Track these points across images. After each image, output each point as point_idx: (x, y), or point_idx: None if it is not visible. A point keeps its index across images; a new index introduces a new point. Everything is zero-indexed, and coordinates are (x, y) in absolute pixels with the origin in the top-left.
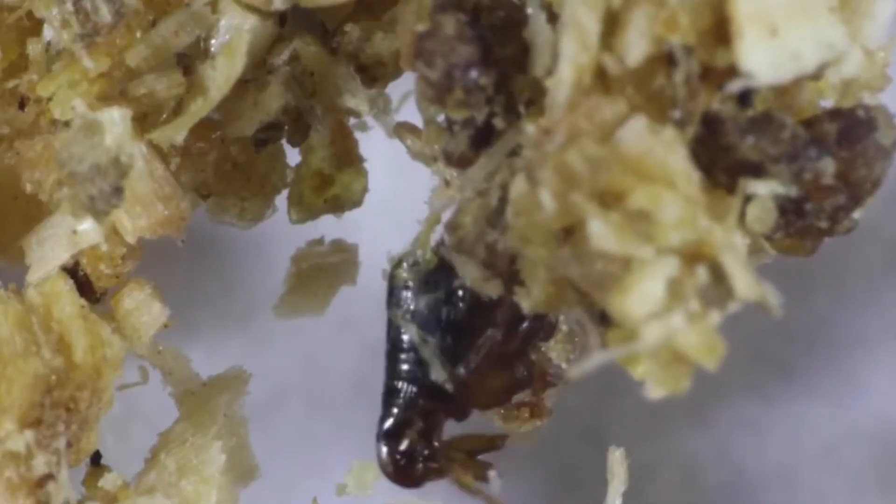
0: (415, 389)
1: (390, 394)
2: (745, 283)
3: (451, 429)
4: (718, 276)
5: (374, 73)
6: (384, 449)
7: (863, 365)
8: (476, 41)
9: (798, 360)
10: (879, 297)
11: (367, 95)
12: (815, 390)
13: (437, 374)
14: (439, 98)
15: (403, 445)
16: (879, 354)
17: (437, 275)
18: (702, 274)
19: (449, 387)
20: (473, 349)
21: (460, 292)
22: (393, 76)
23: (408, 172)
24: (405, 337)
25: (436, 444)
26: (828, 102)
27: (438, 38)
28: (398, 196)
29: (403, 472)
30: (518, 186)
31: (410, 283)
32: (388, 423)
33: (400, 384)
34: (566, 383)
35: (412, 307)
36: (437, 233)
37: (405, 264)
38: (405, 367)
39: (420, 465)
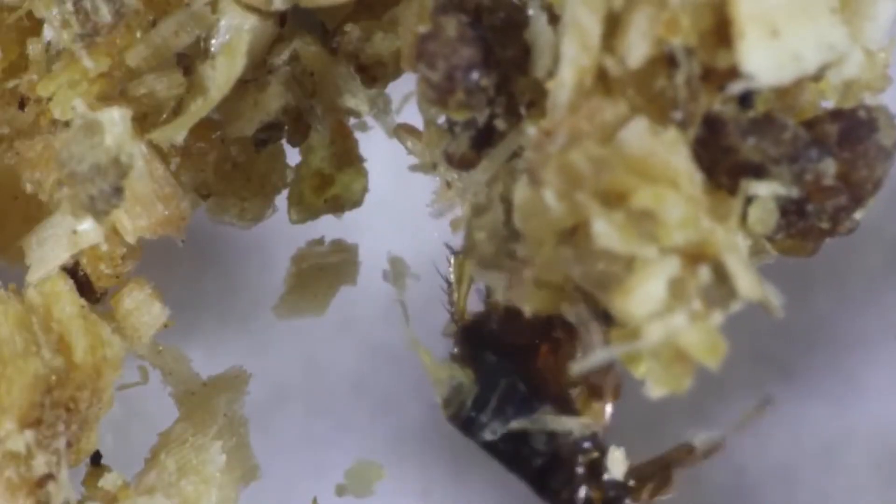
0: (566, 461)
1: (548, 487)
2: (747, 283)
3: None
4: (721, 276)
5: (374, 73)
6: None
7: (863, 365)
8: (477, 43)
9: (798, 360)
10: (879, 297)
11: (367, 95)
12: (815, 390)
13: (573, 427)
14: (441, 99)
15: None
16: (879, 354)
17: (483, 373)
18: (704, 274)
19: (586, 431)
20: (549, 383)
21: (512, 360)
22: (393, 76)
23: (408, 172)
24: (512, 438)
25: (612, 482)
26: (829, 103)
27: (440, 39)
28: (398, 196)
29: None
30: (521, 192)
31: (471, 403)
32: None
33: (550, 473)
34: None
35: (493, 414)
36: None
37: (452, 403)
38: (538, 458)
39: None
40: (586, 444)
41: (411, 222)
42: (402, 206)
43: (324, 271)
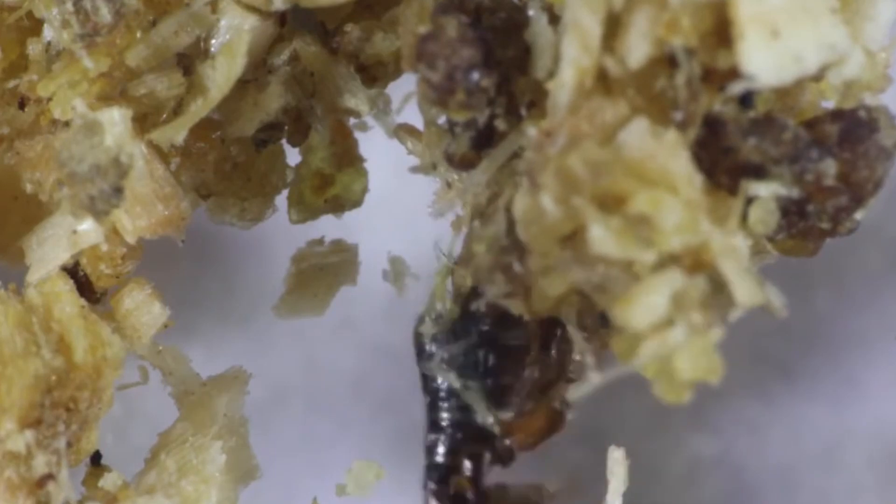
0: (459, 435)
1: (433, 444)
2: (745, 291)
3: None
4: (718, 284)
5: (374, 73)
6: (433, 499)
7: (862, 365)
8: (478, 43)
9: (798, 360)
10: (879, 297)
11: (367, 95)
12: (815, 390)
13: (483, 416)
14: (441, 100)
15: (452, 491)
16: (879, 354)
17: (464, 322)
18: (702, 284)
19: (496, 429)
20: (515, 391)
21: (491, 333)
22: (393, 76)
23: (408, 172)
24: (443, 386)
25: (484, 489)
26: (829, 104)
27: (440, 40)
28: (398, 196)
29: None
30: (521, 202)
31: (439, 335)
32: (435, 471)
33: (443, 433)
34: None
35: (446, 355)
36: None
37: (428, 319)
38: (446, 415)
39: None
40: (489, 439)
41: (411, 222)
42: (402, 206)
43: (324, 271)
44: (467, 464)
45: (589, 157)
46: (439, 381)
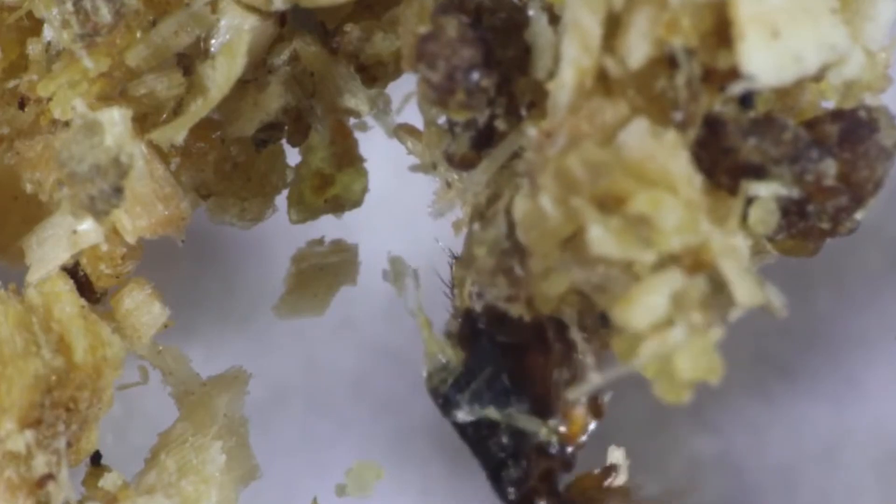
0: (524, 462)
1: (503, 484)
2: (745, 291)
3: None
4: (718, 284)
5: (374, 73)
6: None
7: (863, 365)
8: (478, 43)
9: (798, 360)
10: (879, 297)
11: (367, 95)
12: (815, 390)
13: (538, 432)
14: (441, 100)
15: None
16: (879, 354)
17: (473, 358)
18: (702, 284)
19: (553, 439)
20: (553, 396)
21: (503, 355)
22: (393, 76)
23: (408, 172)
24: (484, 425)
25: (562, 496)
26: (829, 104)
27: (440, 40)
28: (398, 196)
29: None
30: (521, 205)
31: (454, 382)
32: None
33: (507, 469)
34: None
35: (471, 397)
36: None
37: (434, 374)
38: (501, 451)
39: None
40: (552, 451)
41: (411, 222)
42: (402, 206)
43: (324, 271)
44: (542, 485)
45: (588, 157)
46: (476, 422)
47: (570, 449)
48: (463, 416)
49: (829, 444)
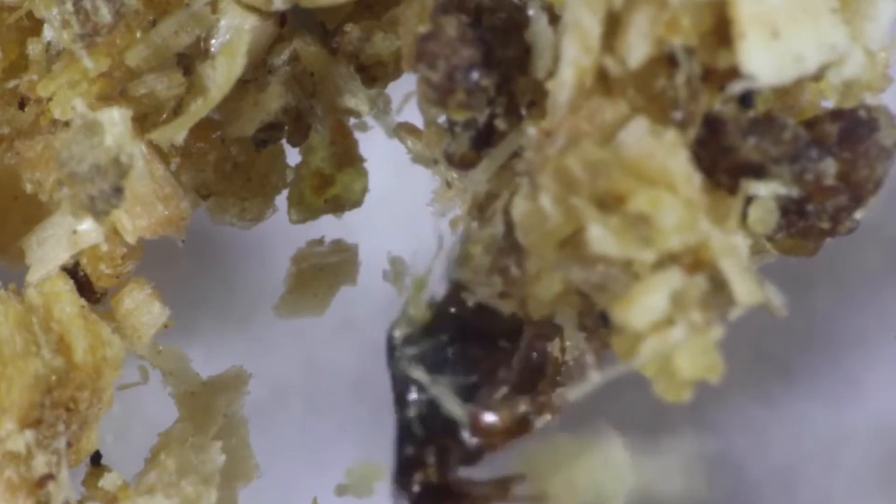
0: (425, 429)
1: (402, 441)
2: (745, 289)
3: None
4: (718, 283)
5: (374, 73)
6: (399, 492)
7: (863, 365)
8: (478, 43)
9: (798, 360)
10: (879, 297)
11: (367, 95)
12: (815, 390)
13: (452, 408)
14: (441, 99)
15: (416, 486)
16: (879, 354)
17: (436, 323)
18: (702, 283)
19: (463, 422)
20: (486, 389)
21: (463, 333)
22: (393, 76)
23: (408, 172)
24: (411, 381)
25: (448, 480)
26: (829, 103)
27: (440, 39)
28: (398, 196)
29: None
30: (520, 206)
31: (411, 336)
32: (402, 465)
33: (410, 429)
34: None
35: (416, 352)
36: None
37: (402, 323)
38: (414, 411)
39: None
40: (459, 434)
41: (411, 222)
42: (402, 205)
43: (324, 271)
44: (433, 457)
45: (588, 156)
46: (408, 379)
47: (475, 439)
48: (400, 367)
49: (829, 444)
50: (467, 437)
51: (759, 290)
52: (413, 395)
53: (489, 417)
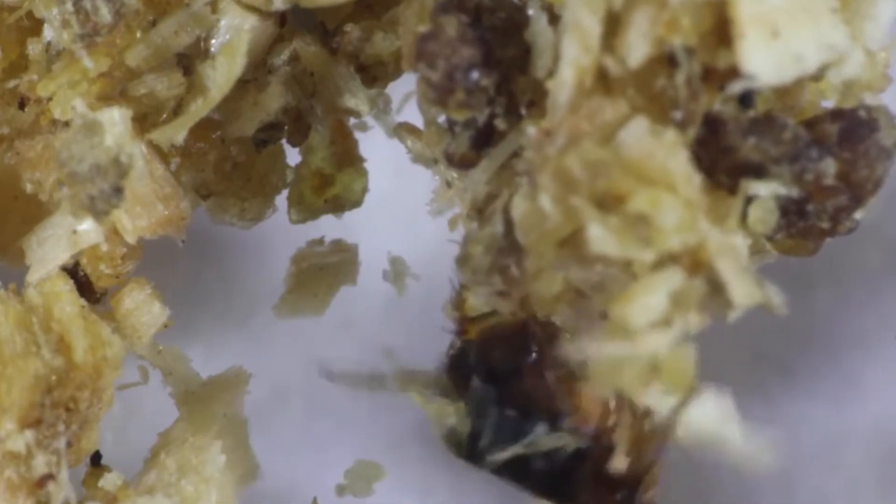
0: (573, 477)
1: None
2: (741, 291)
3: None
4: (717, 284)
5: (374, 73)
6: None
7: (863, 365)
8: (477, 42)
9: (798, 360)
10: (879, 297)
11: (367, 95)
12: (815, 390)
13: (566, 443)
14: (441, 99)
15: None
16: (879, 354)
17: (473, 406)
18: (701, 285)
19: (579, 440)
20: (556, 404)
21: (498, 386)
22: (393, 76)
23: (408, 172)
24: (515, 462)
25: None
26: (829, 103)
27: (440, 39)
28: (398, 196)
29: None
30: (519, 205)
31: (467, 438)
32: None
33: (563, 489)
34: None
35: (490, 445)
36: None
37: (450, 439)
38: (547, 476)
39: None
40: (588, 451)
41: (411, 222)
42: (402, 205)
43: (324, 271)
44: (602, 488)
45: (587, 156)
46: (509, 462)
47: (598, 435)
48: (493, 463)
49: (829, 444)
50: (591, 445)
51: (758, 291)
52: (529, 468)
53: (586, 404)
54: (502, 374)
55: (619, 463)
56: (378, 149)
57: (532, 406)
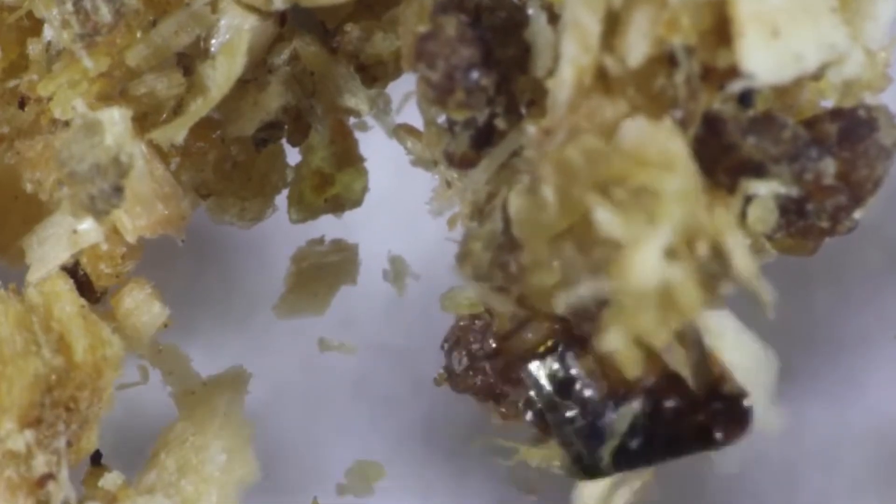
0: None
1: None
2: (744, 262)
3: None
4: (718, 254)
5: (374, 73)
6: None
7: (863, 365)
8: (477, 42)
9: (798, 360)
10: (879, 297)
11: (367, 95)
12: (815, 390)
13: (627, 418)
14: (440, 99)
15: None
16: (879, 354)
17: (563, 436)
18: (702, 248)
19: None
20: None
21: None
22: (393, 76)
23: (408, 172)
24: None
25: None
26: (829, 103)
27: (440, 39)
28: (398, 196)
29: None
30: (516, 200)
31: (575, 456)
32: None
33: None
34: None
35: (586, 447)
36: None
37: (574, 474)
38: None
39: None
40: (654, 398)
41: (411, 221)
42: (401, 205)
43: (324, 271)
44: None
45: (588, 147)
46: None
47: (656, 385)
48: (609, 466)
49: (829, 443)
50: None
51: (757, 270)
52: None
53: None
54: (564, 385)
55: (695, 385)
56: (378, 149)
57: (588, 403)
